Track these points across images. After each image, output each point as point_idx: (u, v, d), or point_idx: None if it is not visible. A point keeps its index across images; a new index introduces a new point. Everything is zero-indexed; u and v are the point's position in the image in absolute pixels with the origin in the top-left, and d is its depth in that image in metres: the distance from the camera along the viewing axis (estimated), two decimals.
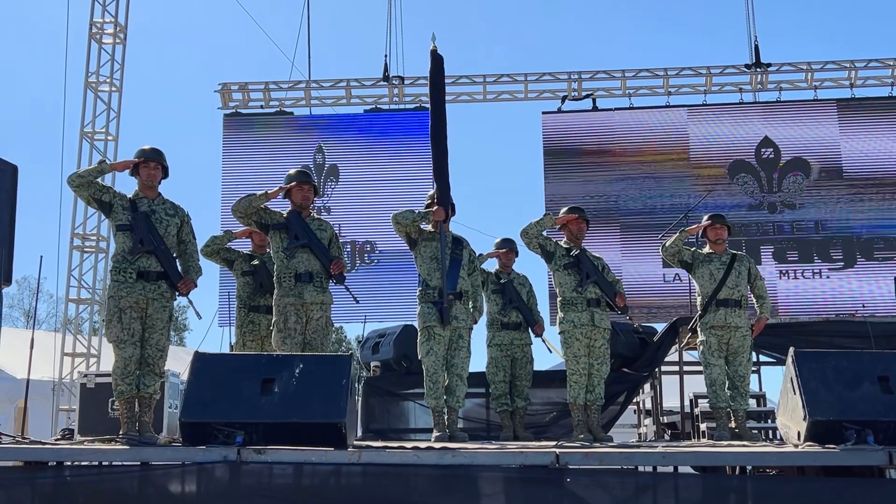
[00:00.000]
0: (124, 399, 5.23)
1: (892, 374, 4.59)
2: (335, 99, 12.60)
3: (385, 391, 8.45)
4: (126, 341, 5.20)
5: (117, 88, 11.94)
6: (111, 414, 7.14)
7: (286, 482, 4.24)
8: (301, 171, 6.27)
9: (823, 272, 11.29)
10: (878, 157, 11.44)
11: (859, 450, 4.23)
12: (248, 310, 6.73)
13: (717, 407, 6.45)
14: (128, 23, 12.02)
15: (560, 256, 6.54)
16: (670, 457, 4.57)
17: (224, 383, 4.56)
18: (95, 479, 4.48)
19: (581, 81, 12.21)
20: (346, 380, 4.54)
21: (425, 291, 6.20)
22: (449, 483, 4.25)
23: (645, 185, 11.64)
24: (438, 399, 6.08)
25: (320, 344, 5.81)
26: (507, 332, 7.18)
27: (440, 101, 6.71)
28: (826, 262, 11.29)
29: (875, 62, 11.95)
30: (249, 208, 5.84)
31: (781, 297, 11.04)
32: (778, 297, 10.92)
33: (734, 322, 6.47)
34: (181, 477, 4.32)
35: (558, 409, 7.92)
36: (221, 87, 12.50)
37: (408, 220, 6.22)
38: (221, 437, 4.32)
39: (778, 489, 4.36)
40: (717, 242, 6.74)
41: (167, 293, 5.35)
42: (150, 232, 5.31)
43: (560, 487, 4.14)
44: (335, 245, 6.08)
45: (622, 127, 11.86)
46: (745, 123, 11.80)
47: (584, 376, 6.36)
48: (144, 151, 5.50)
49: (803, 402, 4.48)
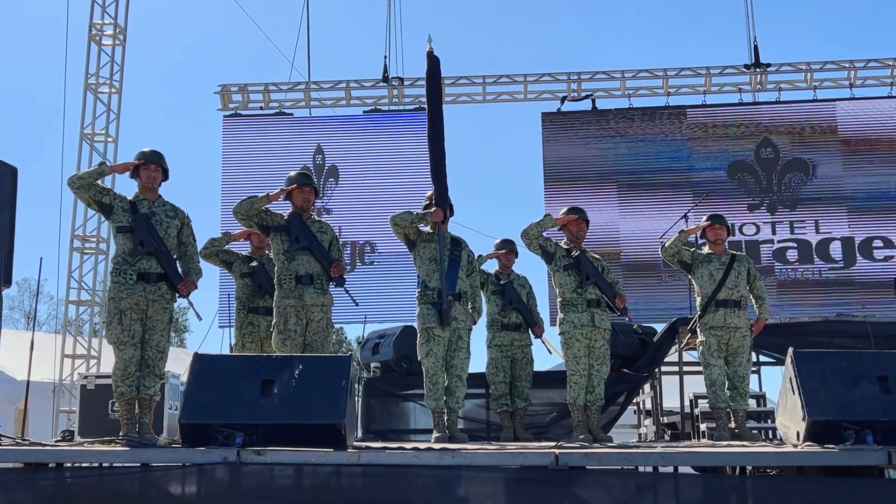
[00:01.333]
0: (124, 400, 5.23)
1: (891, 374, 4.59)
2: (335, 100, 12.62)
3: (385, 392, 8.45)
4: (126, 343, 5.21)
5: (117, 90, 11.94)
6: (111, 415, 7.15)
7: (286, 483, 4.24)
8: (302, 173, 6.27)
9: (823, 272, 11.32)
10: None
11: (858, 450, 4.23)
12: (248, 311, 6.73)
13: (717, 407, 6.46)
14: (127, 24, 12.04)
15: (560, 257, 6.54)
16: (669, 457, 4.57)
17: (224, 385, 4.56)
18: (95, 480, 4.48)
19: (580, 82, 12.23)
20: (346, 381, 4.54)
21: (424, 293, 6.20)
22: (449, 484, 4.25)
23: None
24: (438, 400, 6.08)
25: (321, 345, 5.81)
26: (507, 333, 7.19)
27: (437, 103, 6.70)
28: (826, 262, 11.32)
29: (874, 62, 11.97)
30: (251, 210, 5.84)
31: (778, 298, 11.09)
32: (775, 298, 10.97)
33: (733, 322, 6.47)
34: (181, 478, 4.33)
35: (558, 410, 7.92)
36: (221, 88, 12.53)
37: (406, 222, 6.23)
38: (221, 438, 4.32)
39: (778, 489, 4.36)
40: (717, 243, 6.74)
41: (167, 295, 5.36)
42: (151, 234, 5.32)
43: (560, 488, 4.14)
44: (335, 247, 6.08)
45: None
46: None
47: (584, 377, 6.36)
48: (144, 153, 5.51)
49: (802, 403, 4.49)
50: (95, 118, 11.77)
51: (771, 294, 8.29)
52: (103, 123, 11.82)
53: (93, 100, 11.79)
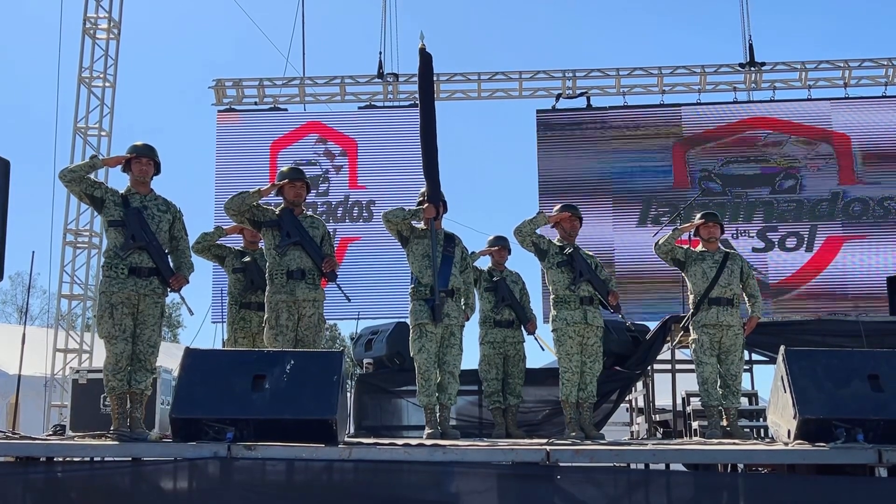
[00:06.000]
0: (116, 395, 5.22)
1: (882, 373, 4.61)
2: (329, 96, 12.61)
3: (378, 388, 8.44)
4: (117, 337, 5.20)
5: (111, 84, 11.91)
6: (103, 410, 7.11)
7: (277, 478, 4.23)
8: (293, 168, 6.26)
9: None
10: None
11: (849, 448, 4.24)
12: (240, 306, 6.72)
13: (709, 405, 6.46)
14: (121, 18, 12.00)
15: (553, 254, 6.54)
16: (660, 454, 4.58)
17: (215, 379, 4.56)
18: (86, 474, 4.47)
19: (576, 79, 12.23)
20: (337, 376, 4.54)
21: (417, 289, 6.20)
22: (439, 480, 4.25)
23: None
24: (431, 396, 6.08)
25: (312, 341, 5.80)
26: (499, 330, 7.18)
27: (429, 99, 6.69)
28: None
29: (868, 62, 12.01)
30: (242, 206, 5.83)
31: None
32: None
33: (726, 320, 6.47)
34: (172, 473, 4.32)
35: (551, 407, 7.91)
36: (215, 83, 12.50)
37: (398, 218, 6.22)
38: (212, 433, 4.32)
39: (769, 486, 4.37)
40: (710, 241, 6.74)
41: (159, 289, 5.34)
42: (142, 228, 5.30)
43: (551, 484, 4.14)
44: (327, 242, 6.08)
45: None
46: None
47: (577, 374, 6.36)
48: (136, 147, 5.49)
49: (793, 401, 4.50)
50: (89, 112, 11.74)
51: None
52: (97, 117, 11.80)
53: (86, 94, 11.76)
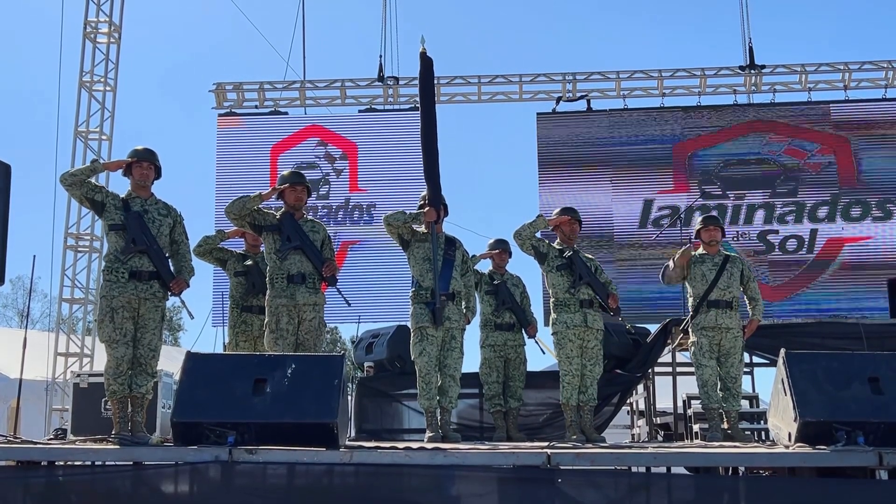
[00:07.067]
0: (117, 399, 5.22)
1: (883, 375, 4.60)
2: (330, 99, 12.61)
3: (378, 392, 8.45)
4: (118, 341, 5.20)
5: (111, 88, 11.93)
6: (104, 414, 7.13)
7: (278, 482, 4.23)
8: (294, 172, 6.26)
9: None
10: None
11: (849, 451, 4.24)
12: (241, 310, 6.72)
13: (710, 408, 6.46)
14: (122, 22, 12.02)
15: (553, 258, 6.55)
16: (661, 457, 4.57)
17: (216, 383, 4.56)
18: (87, 478, 4.47)
19: (576, 82, 12.24)
20: (338, 380, 4.54)
21: (418, 292, 6.20)
22: (440, 483, 4.25)
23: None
24: (431, 400, 6.08)
25: (313, 345, 5.81)
26: (500, 333, 7.19)
27: (430, 103, 6.69)
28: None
29: (868, 64, 12.01)
30: (243, 210, 5.84)
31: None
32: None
33: (725, 323, 6.48)
34: (173, 477, 4.33)
35: (552, 410, 7.92)
36: (216, 86, 12.51)
37: (399, 222, 6.22)
38: (213, 437, 4.32)
39: (770, 489, 4.38)
40: (711, 244, 6.76)
41: (159, 293, 5.35)
42: (143, 232, 5.31)
43: (552, 487, 4.14)
44: (327, 247, 6.08)
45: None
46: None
47: (577, 377, 6.37)
48: (137, 151, 5.50)
49: (794, 403, 4.50)
50: (90, 116, 11.76)
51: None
52: (97, 121, 11.81)
53: (87, 97, 11.78)
